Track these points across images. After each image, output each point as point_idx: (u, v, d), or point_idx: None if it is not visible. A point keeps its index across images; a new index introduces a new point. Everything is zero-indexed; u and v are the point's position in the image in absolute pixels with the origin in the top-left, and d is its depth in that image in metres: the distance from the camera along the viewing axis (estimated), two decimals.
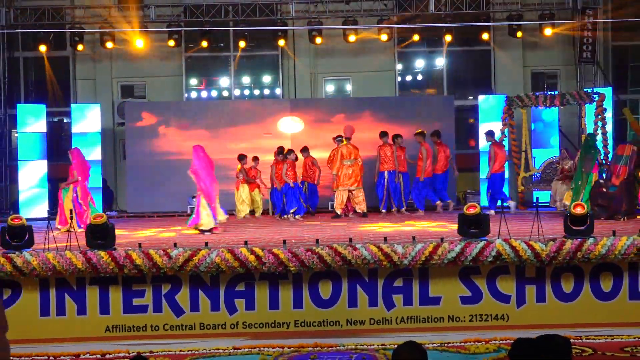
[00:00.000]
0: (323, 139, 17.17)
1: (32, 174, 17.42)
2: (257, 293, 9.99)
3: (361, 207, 15.98)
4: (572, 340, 6.52)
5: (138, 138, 18.26)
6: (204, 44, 18.51)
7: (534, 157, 17.26)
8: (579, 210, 10.20)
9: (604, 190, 13.99)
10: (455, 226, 10.58)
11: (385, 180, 16.16)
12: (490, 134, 16.12)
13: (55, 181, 18.44)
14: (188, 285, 9.95)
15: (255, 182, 16.78)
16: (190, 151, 17.94)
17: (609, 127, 16.54)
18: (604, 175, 14.40)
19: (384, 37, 18.48)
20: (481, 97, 18.18)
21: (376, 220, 14.91)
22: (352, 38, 18.49)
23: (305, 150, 16.50)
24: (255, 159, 16.93)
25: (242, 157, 16.72)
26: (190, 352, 9.51)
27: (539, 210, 10.66)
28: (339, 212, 15.92)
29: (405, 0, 18.55)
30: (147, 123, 18.34)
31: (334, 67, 19.53)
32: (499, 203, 14.03)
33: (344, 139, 16.15)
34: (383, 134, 16.32)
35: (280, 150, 16.33)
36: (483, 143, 17.69)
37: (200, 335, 9.91)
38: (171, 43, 18.49)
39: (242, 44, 18.62)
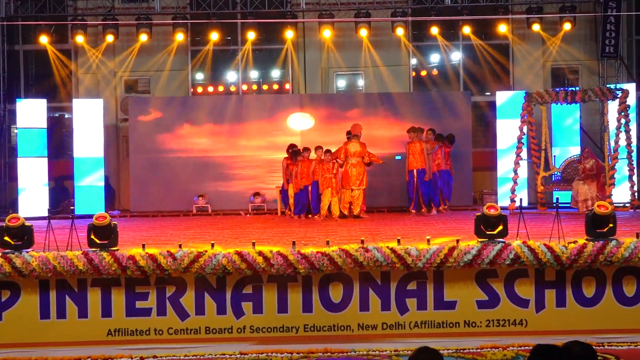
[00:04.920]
0: (334, 136, 17.14)
1: (32, 172, 17.45)
2: (265, 296, 9.97)
3: (356, 208, 15.94)
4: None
5: (142, 134, 18.29)
6: (211, 37, 18.51)
7: (554, 156, 17.19)
8: (602, 211, 10.14)
9: None
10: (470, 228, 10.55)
11: (415, 179, 16.16)
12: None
13: (56, 179, 18.55)
14: (193, 287, 9.94)
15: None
16: (196, 148, 18.15)
17: (633, 126, 16.46)
18: None
19: (398, 30, 18.42)
20: (499, 93, 18.14)
21: (401, 221, 14.95)
22: (364, 31, 18.45)
23: (317, 149, 16.32)
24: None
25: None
26: (195, 357, 9.52)
27: (559, 211, 10.61)
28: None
29: None
30: (151, 119, 18.37)
31: (346, 61, 19.49)
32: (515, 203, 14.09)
33: (352, 136, 16.15)
34: (412, 130, 16.33)
35: (291, 147, 16.40)
36: (501, 142, 17.67)
37: (206, 339, 9.91)
38: (178, 36, 18.49)
39: (250, 36, 18.62)
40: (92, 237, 10.05)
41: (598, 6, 18.51)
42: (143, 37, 18.43)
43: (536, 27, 18.44)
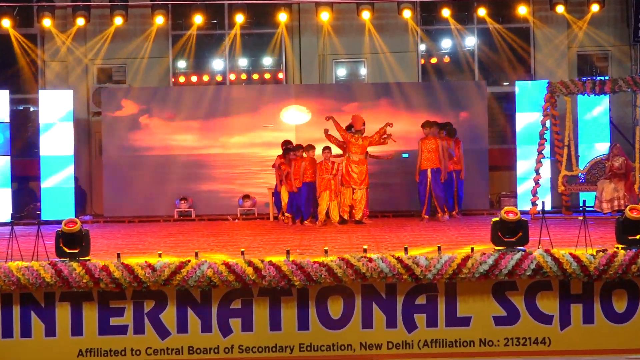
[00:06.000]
0: (332, 131, 17.10)
1: None
2: (256, 312, 9.96)
3: (358, 213, 15.90)
4: None
5: (117, 130, 18.28)
6: (194, 20, 18.49)
7: (578, 156, 17.18)
8: (635, 215, 10.14)
9: None
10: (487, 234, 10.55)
11: (428, 180, 16.10)
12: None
13: (20, 180, 18.51)
14: (175, 302, 9.93)
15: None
16: (178, 145, 18.12)
17: None
18: None
19: (405, 12, 18.41)
20: (519, 83, 18.14)
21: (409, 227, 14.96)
22: (367, 14, 18.44)
23: (310, 148, 16.28)
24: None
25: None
26: None
27: (586, 215, 10.61)
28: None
29: None
30: (127, 113, 18.36)
31: (346, 48, 19.49)
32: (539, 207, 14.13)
33: (354, 131, 16.08)
34: (428, 124, 16.29)
35: (285, 143, 16.41)
36: (521, 138, 17.67)
37: None
38: (157, 19, 18.46)
39: (239, 19, 18.60)
40: (61, 245, 10.03)
41: None
42: (118, 21, 18.42)
43: (560, 9, 18.43)
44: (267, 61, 20.26)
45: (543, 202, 11.77)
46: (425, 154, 16.10)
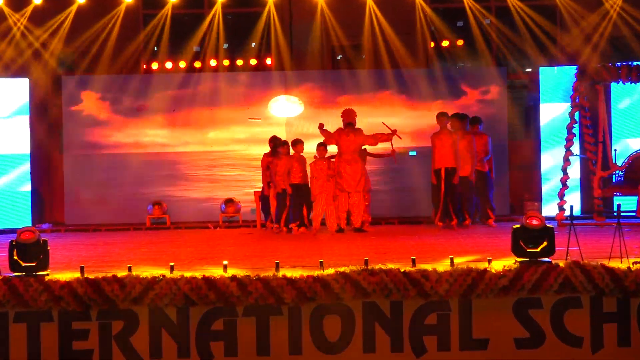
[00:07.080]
0: (328, 125, 17.14)
1: None
2: (241, 333, 9.97)
3: (358, 219, 15.83)
4: None
5: (79, 125, 18.28)
6: None
7: (615, 151, 17.20)
8: None
9: None
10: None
11: (442, 180, 15.95)
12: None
13: None
14: (147, 323, 9.94)
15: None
16: (150, 142, 18.10)
17: None
18: None
19: None
20: (543, 70, 18.17)
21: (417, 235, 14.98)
22: None
23: (297, 143, 16.20)
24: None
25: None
26: None
27: (621, 221, 10.62)
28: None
29: None
30: (91, 105, 18.37)
31: (344, 30, 19.50)
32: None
33: (346, 125, 15.88)
34: (443, 116, 16.17)
35: (273, 140, 16.40)
36: (546, 132, 17.69)
37: None
38: None
39: None
40: (15, 258, 10.03)
41: None
42: None
43: None
44: (253, 45, 20.24)
45: (571, 207, 11.78)
46: (441, 150, 15.95)
